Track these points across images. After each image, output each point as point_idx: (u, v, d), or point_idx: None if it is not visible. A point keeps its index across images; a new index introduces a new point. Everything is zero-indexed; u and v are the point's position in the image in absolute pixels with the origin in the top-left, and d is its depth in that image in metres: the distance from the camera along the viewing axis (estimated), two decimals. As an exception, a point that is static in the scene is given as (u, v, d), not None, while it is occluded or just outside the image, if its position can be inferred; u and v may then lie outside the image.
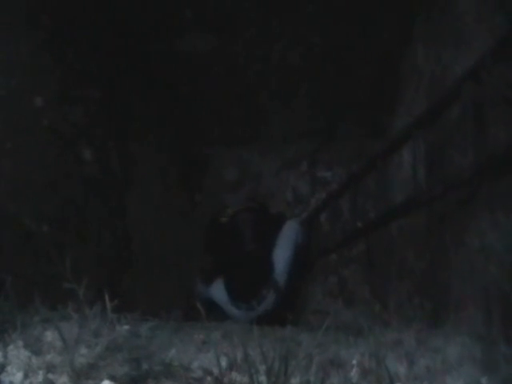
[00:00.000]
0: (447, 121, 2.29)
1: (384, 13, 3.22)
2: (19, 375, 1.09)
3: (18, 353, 1.15)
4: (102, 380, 1.09)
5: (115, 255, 2.58)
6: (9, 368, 1.11)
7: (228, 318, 3.37)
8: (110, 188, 2.70)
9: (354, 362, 1.27)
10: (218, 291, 3.49)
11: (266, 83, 3.84)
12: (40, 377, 1.09)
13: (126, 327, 1.37)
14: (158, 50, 3.50)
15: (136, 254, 2.83)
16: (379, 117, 3.80)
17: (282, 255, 3.47)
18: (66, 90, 2.42)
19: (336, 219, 3.72)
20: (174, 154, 3.91)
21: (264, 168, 4.16)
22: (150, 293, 2.79)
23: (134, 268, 2.78)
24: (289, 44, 3.54)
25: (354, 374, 1.25)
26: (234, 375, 1.17)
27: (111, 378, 1.10)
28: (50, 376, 1.10)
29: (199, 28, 3.42)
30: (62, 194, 2.19)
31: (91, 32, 2.77)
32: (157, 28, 3.38)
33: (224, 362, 1.20)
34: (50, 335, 1.22)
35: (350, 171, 3.79)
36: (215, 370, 1.17)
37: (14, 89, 1.98)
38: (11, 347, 1.16)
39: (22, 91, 2.05)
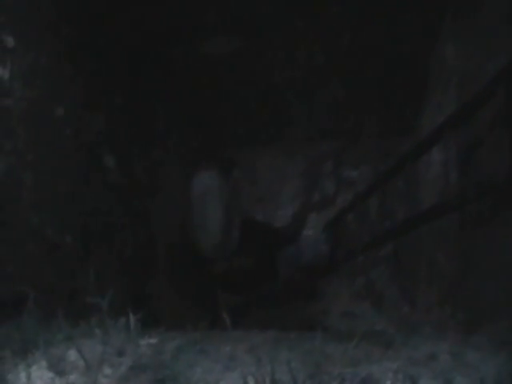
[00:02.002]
0: (480, 121, 2.21)
1: (412, 11, 3.13)
2: (42, 397, 1.07)
3: (41, 374, 1.13)
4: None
5: (140, 263, 2.56)
6: (32, 390, 1.09)
7: None
8: (134, 195, 2.68)
9: (388, 382, 1.21)
10: None
11: (291, 83, 3.78)
12: (64, 398, 1.07)
13: (152, 341, 1.34)
14: (182, 53, 3.47)
15: (161, 261, 2.82)
16: (406, 115, 3.72)
17: None
18: (88, 97, 2.40)
19: (363, 220, 3.65)
20: (198, 157, 3.88)
21: (289, 169, 4.10)
22: (175, 299, 2.78)
23: (160, 275, 2.76)
24: (314, 44, 3.48)
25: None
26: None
27: (135, 400, 1.07)
28: (74, 398, 1.07)
29: (223, 30, 3.38)
30: (86, 203, 2.18)
31: (113, 38, 2.74)
32: (180, 31, 3.35)
33: (252, 383, 1.15)
34: (73, 354, 1.19)
35: (376, 170, 3.72)
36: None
37: (35, 100, 1.96)
38: (34, 368, 1.14)
39: (44, 102, 2.03)
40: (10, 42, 1.90)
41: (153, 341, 1.31)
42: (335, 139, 4.02)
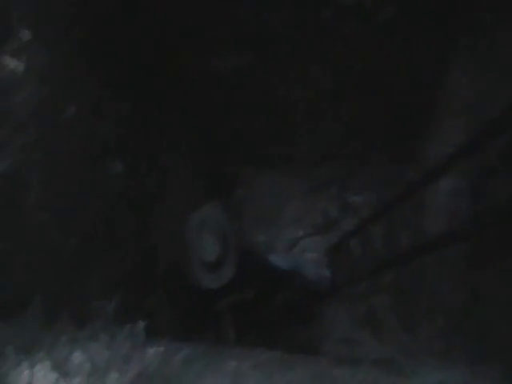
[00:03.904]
0: (491, 151, 2.20)
1: (424, 38, 3.15)
2: (45, 399, 1.02)
3: (45, 373, 1.07)
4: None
5: (143, 271, 2.50)
6: (35, 390, 1.03)
7: None
8: (139, 202, 2.63)
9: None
10: None
11: (298, 104, 3.78)
12: (67, 401, 1.01)
13: (160, 349, 1.28)
14: (192, 65, 3.47)
15: (163, 270, 2.76)
16: (413, 143, 3.72)
17: None
18: (99, 101, 2.36)
19: (367, 246, 3.61)
20: (203, 169, 3.86)
21: (293, 190, 4.08)
22: (178, 310, 2.71)
23: (162, 285, 2.70)
24: (325, 66, 3.48)
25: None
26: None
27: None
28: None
29: (234, 44, 3.38)
30: (91, 207, 2.12)
31: (125, 45, 2.73)
32: (191, 44, 3.36)
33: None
34: (78, 356, 1.13)
35: (381, 197, 3.70)
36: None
37: (47, 97, 1.90)
38: (38, 367, 1.09)
39: (54, 101, 1.97)
40: (26, 34, 1.80)
41: (161, 349, 1.25)
42: (340, 163, 4.01)
